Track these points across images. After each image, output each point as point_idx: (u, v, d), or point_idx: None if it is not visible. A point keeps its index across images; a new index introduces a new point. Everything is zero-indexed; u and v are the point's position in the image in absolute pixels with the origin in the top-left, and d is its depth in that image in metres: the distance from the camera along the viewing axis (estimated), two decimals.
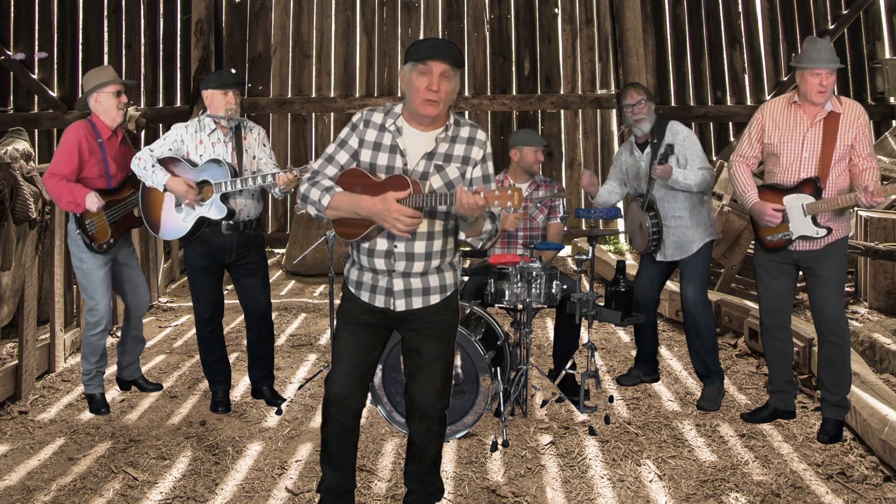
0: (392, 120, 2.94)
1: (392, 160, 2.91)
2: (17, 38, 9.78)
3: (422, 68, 2.84)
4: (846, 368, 3.98)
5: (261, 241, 4.44)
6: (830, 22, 10.02)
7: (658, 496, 3.48)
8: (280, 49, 10.10)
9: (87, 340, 4.45)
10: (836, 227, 3.95)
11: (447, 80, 2.85)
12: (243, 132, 4.34)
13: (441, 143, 2.93)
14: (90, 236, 4.30)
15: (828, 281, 3.97)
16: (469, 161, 2.94)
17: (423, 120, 2.91)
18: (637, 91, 4.54)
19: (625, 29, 9.44)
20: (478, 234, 2.94)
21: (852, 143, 3.92)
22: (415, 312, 2.96)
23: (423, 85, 2.83)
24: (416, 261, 2.91)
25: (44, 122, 9.76)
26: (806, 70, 3.89)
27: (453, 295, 3.04)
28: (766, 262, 4.14)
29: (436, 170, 2.90)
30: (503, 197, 2.68)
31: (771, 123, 4.08)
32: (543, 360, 5.37)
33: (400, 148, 2.91)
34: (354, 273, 3.01)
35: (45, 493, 3.53)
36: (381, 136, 2.94)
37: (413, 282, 2.94)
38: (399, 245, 2.90)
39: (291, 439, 4.09)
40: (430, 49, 2.85)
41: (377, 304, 2.96)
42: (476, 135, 2.97)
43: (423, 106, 2.85)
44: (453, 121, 2.97)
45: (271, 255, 9.25)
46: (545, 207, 4.82)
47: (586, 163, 10.08)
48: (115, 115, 4.32)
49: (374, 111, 2.98)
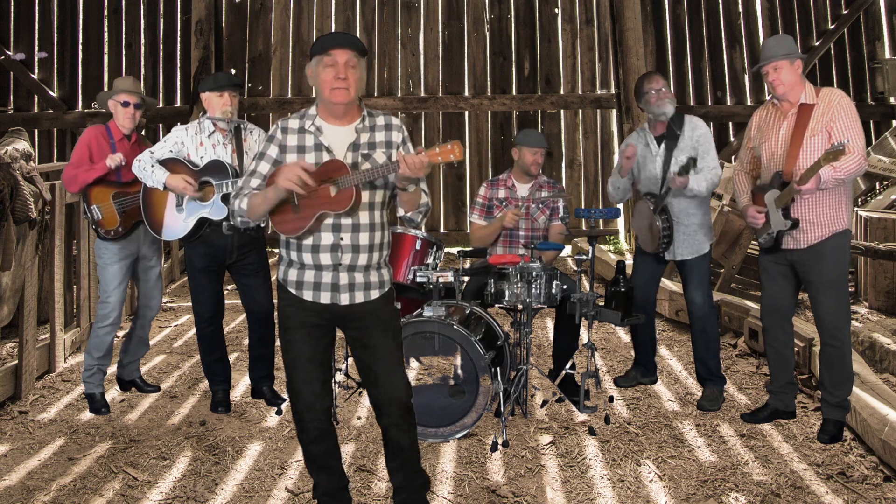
0: (310, 121, 2.99)
1: (319, 157, 2.95)
2: (17, 38, 9.79)
3: (326, 60, 2.90)
4: (847, 371, 3.96)
5: (261, 241, 4.44)
6: (830, 22, 10.02)
7: (658, 496, 3.48)
8: (280, 49, 10.11)
9: (95, 334, 4.48)
10: (819, 223, 3.89)
11: (353, 69, 2.91)
12: (243, 134, 4.36)
13: (361, 133, 2.99)
14: (96, 221, 4.35)
15: (821, 284, 3.92)
16: (392, 145, 3.01)
17: (337, 110, 2.95)
18: (659, 77, 4.55)
19: (625, 29, 9.44)
20: (416, 207, 3.01)
21: (828, 131, 3.85)
22: (358, 308, 2.98)
23: (330, 75, 2.89)
24: (361, 252, 2.95)
25: (44, 122, 9.76)
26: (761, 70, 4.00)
27: (391, 290, 3.09)
28: (765, 262, 4.15)
29: (363, 158, 2.96)
30: (444, 151, 2.78)
31: (755, 127, 4.17)
32: (543, 360, 5.37)
33: (324, 145, 2.95)
34: (293, 273, 3.00)
35: (45, 493, 3.53)
36: (302, 138, 2.97)
37: (357, 276, 2.96)
38: (345, 237, 2.92)
39: (291, 439, 4.09)
40: (332, 40, 2.92)
41: (322, 300, 2.96)
42: (391, 121, 3.05)
43: (333, 94, 2.90)
44: (367, 112, 3.03)
45: (272, 255, 9.25)
46: (546, 208, 4.82)
47: (586, 163, 10.09)
48: (123, 122, 4.44)
49: (289, 118, 3.03)
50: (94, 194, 4.36)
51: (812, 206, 3.90)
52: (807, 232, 3.92)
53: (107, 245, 4.41)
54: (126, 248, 4.45)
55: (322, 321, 2.99)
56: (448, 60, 10.07)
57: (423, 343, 4.01)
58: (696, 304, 4.49)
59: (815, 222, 3.91)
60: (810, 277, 3.96)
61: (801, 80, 3.96)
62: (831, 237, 3.91)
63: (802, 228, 3.92)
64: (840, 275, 3.94)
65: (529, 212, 4.80)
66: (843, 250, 3.97)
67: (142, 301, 4.64)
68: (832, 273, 3.92)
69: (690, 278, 4.51)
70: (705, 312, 4.47)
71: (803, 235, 3.93)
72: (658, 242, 4.46)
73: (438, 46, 10.13)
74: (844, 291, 3.97)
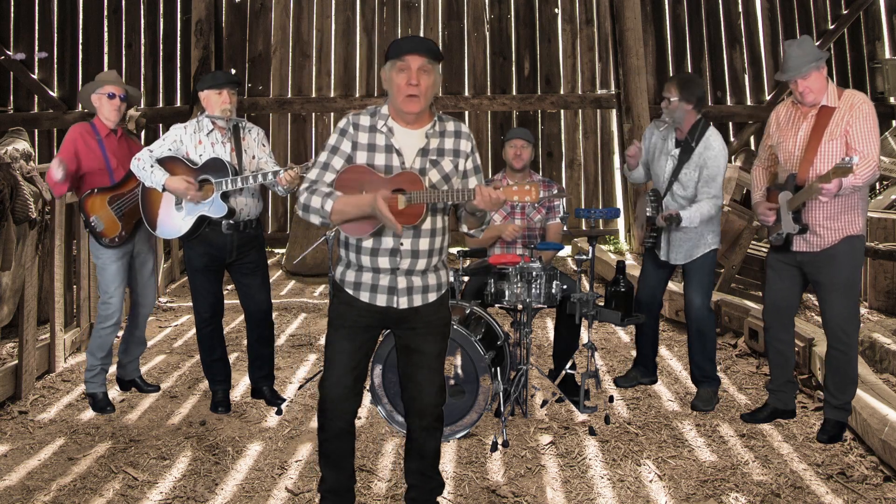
0: (382, 121, 2.98)
1: (389, 160, 2.94)
2: (17, 38, 9.77)
3: (400, 65, 2.89)
4: (851, 374, 3.94)
5: (261, 240, 4.44)
6: (830, 22, 10.02)
7: (658, 496, 3.48)
8: (280, 49, 10.10)
9: (97, 334, 4.48)
10: (833, 227, 3.87)
11: (426, 74, 2.89)
12: (242, 132, 4.35)
13: (432, 138, 2.98)
14: (98, 233, 4.34)
15: (831, 287, 3.90)
16: (460, 154, 3.00)
17: (408, 117, 2.94)
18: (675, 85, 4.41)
19: (625, 29, 9.44)
20: (479, 225, 3.05)
21: (845, 136, 3.81)
22: (414, 311, 2.98)
23: (402, 81, 2.88)
24: (420, 258, 2.95)
25: (44, 122, 9.75)
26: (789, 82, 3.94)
27: (447, 293, 3.09)
28: (774, 260, 4.13)
29: (431, 165, 2.95)
30: (521, 192, 2.76)
31: (775, 124, 4.12)
32: (543, 360, 5.37)
33: (395, 147, 2.94)
34: (351, 275, 3.00)
35: (45, 493, 3.53)
36: (373, 137, 2.96)
37: (415, 279, 2.96)
38: (405, 242, 2.92)
39: (291, 439, 4.09)
40: (407, 44, 2.90)
41: (378, 303, 2.97)
42: (461, 128, 3.04)
43: (405, 103, 2.89)
44: (438, 117, 3.02)
45: (271, 255, 9.25)
46: (542, 208, 4.82)
47: (586, 163, 10.08)
48: (108, 115, 4.41)
49: (361, 114, 3.01)
50: (90, 205, 4.34)
51: (827, 211, 3.86)
52: (821, 236, 3.90)
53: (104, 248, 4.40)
54: (124, 246, 4.45)
55: (373, 323, 3.00)
56: (448, 60, 10.06)
57: None
58: (693, 305, 4.48)
59: (829, 227, 3.88)
60: (820, 279, 3.94)
61: (826, 82, 3.91)
62: (844, 240, 3.88)
63: (817, 232, 3.89)
64: (851, 278, 3.91)
65: (525, 211, 4.80)
66: (857, 254, 3.93)
67: (136, 298, 4.64)
68: (843, 276, 3.89)
69: (690, 280, 4.51)
70: (703, 315, 4.46)
71: (817, 239, 3.91)
72: (644, 240, 4.54)
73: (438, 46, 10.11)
74: (854, 296, 3.94)
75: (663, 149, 4.54)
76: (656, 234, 4.48)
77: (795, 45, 3.90)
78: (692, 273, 4.50)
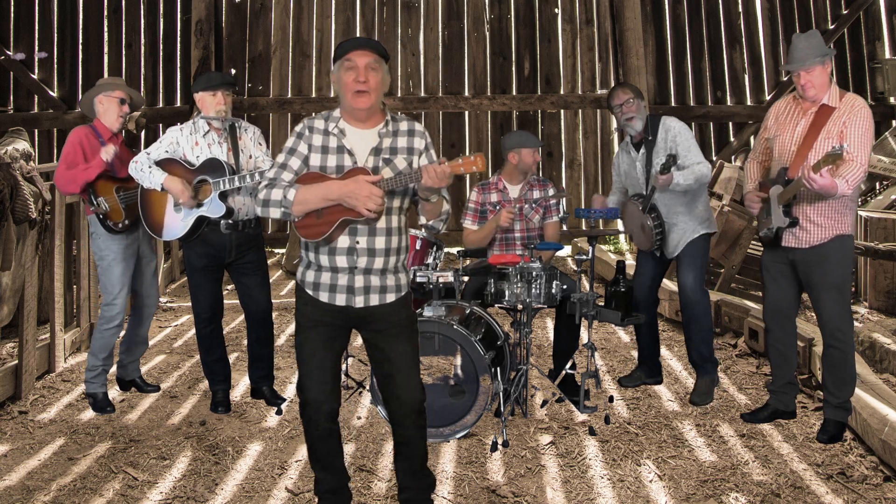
0: (333, 123, 3.00)
1: (341, 160, 2.96)
2: (17, 38, 9.78)
3: (347, 64, 2.92)
4: (849, 373, 3.94)
5: (260, 240, 4.45)
6: (830, 22, 10.02)
7: (658, 496, 3.48)
8: (280, 49, 10.10)
9: (100, 335, 4.47)
10: (822, 224, 3.87)
11: (374, 71, 2.92)
12: (238, 132, 4.35)
13: (384, 137, 3.00)
14: (104, 212, 4.34)
15: (823, 286, 3.91)
16: (414, 151, 3.01)
17: (359, 115, 2.96)
18: (623, 91, 4.54)
19: (625, 29, 9.44)
20: (437, 215, 3.03)
21: (840, 136, 3.83)
22: (373, 311, 2.99)
23: (350, 78, 2.90)
24: (377, 256, 2.96)
25: (44, 122, 9.76)
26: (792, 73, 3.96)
27: (408, 294, 3.10)
28: (767, 261, 4.14)
29: (384, 163, 2.97)
30: (467, 163, 2.81)
31: (773, 118, 4.14)
32: (543, 360, 5.37)
33: (347, 148, 2.97)
34: (311, 275, 3.02)
35: (45, 493, 3.53)
36: (326, 139, 2.99)
37: (373, 279, 2.98)
38: (361, 241, 2.94)
39: (291, 439, 4.09)
40: (352, 43, 2.94)
41: (337, 302, 2.98)
42: (415, 126, 3.06)
43: (354, 99, 2.91)
44: (390, 116, 3.04)
45: (271, 255, 9.25)
46: (540, 207, 4.82)
47: (586, 163, 10.08)
48: (115, 121, 4.42)
49: (315, 118, 3.04)
50: (99, 187, 4.35)
51: (816, 207, 3.87)
52: (810, 232, 3.91)
53: (109, 246, 4.39)
54: (129, 247, 4.45)
55: (337, 322, 3.02)
56: (448, 60, 10.07)
57: (424, 343, 4.00)
58: (686, 286, 4.47)
59: (818, 223, 3.89)
60: (812, 279, 3.94)
61: (829, 81, 3.93)
62: (834, 239, 3.89)
63: (805, 228, 3.91)
64: (842, 278, 3.92)
65: (523, 212, 4.80)
66: (847, 253, 3.94)
67: (139, 300, 4.64)
68: (835, 276, 3.89)
69: (682, 262, 4.51)
70: (696, 298, 4.45)
71: (806, 235, 3.92)
72: (652, 240, 4.47)
73: (438, 46, 10.13)
74: (847, 294, 3.95)
75: (629, 160, 4.61)
76: (661, 230, 4.47)
77: (804, 37, 3.91)
78: (683, 256, 4.50)
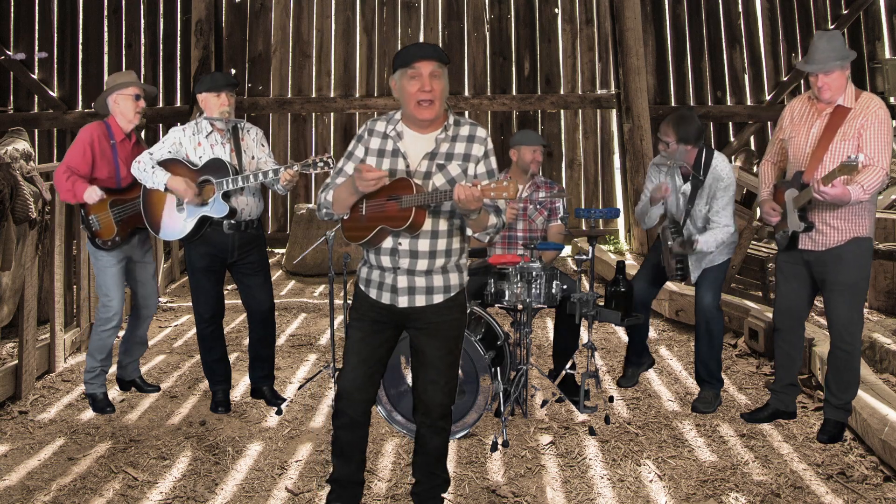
0: (392, 126, 3.01)
1: (395, 163, 2.97)
2: (17, 38, 9.78)
3: (411, 72, 2.89)
4: (854, 375, 3.93)
5: (262, 240, 4.45)
6: (830, 22, 10.01)
7: (658, 496, 3.48)
8: (280, 49, 10.10)
9: (97, 336, 4.47)
10: (840, 227, 3.85)
11: (437, 79, 2.91)
12: (241, 133, 4.35)
13: (441, 142, 2.97)
14: (93, 232, 4.33)
15: (837, 286, 3.88)
16: (471, 158, 2.97)
17: (422, 123, 2.95)
18: (666, 131, 4.33)
19: (625, 29, 9.44)
20: (483, 228, 2.99)
21: (857, 139, 3.77)
22: (419, 311, 3.00)
23: (415, 88, 2.89)
24: (419, 258, 2.96)
25: (44, 122, 9.76)
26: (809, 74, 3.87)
27: (459, 295, 3.07)
28: (781, 261, 4.12)
29: (437, 169, 2.95)
30: (499, 188, 2.73)
31: (789, 119, 4.06)
32: (543, 360, 5.37)
33: (401, 151, 2.97)
34: (365, 271, 3.09)
35: (45, 493, 3.53)
36: (383, 142, 3.00)
37: (417, 280, 2.98)
38: (403, 242, 2.94)
39: (291, 439, 4.09)
40: (416, 51, 2.91)
41: (383, 300, 3.02)
42: (476, 132, 3.01)
43: (418, 109, 2.90)
44: (453, 120, 3.02)
45: (271, 255, 9.25)
46: (544, 209, 4.81)
47: (586, 163, 10.09)
48: (132, 118, 4.39)
49: (378, 120, 3.06)
50: (92, 204, 4.31)
51: (833, 210, 3.83)
52: (826, 235, 3.88)
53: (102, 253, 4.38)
54: (123, 257, 4.44)
55: (383, 319, 3.05)
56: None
57: None
58: (704, 303, 4.44)
59: (834, 226, 3.86)
60: (826, 278, 3.92)
61: (846, 82, 3.84)
62: (850, 241, 3.85)
63: (822, 231, 3.87)
64: (858, 280, 3.88)
65: (527, 213, 4.80)
66: (863, 255, 3.90)
67: (139, 301, 4.63)
68: (849, 277, 3.86)
69: (701, 281, 4.47)
70: (713, 315, 4.42)
71: (822, 238, 3.89)
72: (672, 275, 4.47)
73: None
74: (860, 298, 3.92)
75: (672, 187, 4.47)
76: (683, 264, 4.43)
77: (825, 38, 3.80)
78: (703, 278, 4.46)
